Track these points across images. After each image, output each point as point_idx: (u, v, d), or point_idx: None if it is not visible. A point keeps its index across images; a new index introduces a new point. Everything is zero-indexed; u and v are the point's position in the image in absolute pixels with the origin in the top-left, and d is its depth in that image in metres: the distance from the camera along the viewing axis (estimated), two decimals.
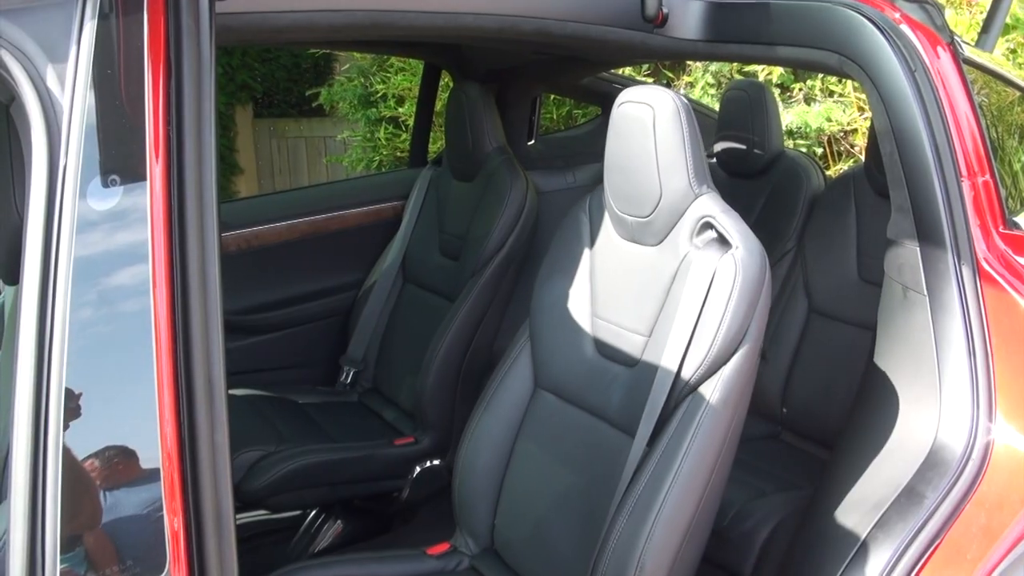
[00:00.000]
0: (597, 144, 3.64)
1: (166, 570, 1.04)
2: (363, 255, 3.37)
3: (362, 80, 5.80)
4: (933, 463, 1.75)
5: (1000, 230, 1.82)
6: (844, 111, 4.59)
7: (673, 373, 1.72)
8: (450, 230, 3.14)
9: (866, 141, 3.76)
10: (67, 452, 1.02)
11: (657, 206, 1.81)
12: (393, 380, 3.17)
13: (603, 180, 1.95)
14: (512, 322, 2.88)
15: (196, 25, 1.11)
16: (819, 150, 4.64)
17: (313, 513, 3.02)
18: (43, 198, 1.06)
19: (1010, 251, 1.82)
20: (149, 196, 1.06)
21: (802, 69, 4.46)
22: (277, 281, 3.30)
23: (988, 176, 1.83)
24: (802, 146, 4.50)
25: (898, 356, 1.90)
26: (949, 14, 4.40)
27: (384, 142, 5.73)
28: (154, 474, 1.04)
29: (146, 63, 1.09)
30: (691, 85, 4.95)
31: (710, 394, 1.68)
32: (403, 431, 2.95)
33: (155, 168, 1.07)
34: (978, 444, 1.73)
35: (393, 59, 5.50)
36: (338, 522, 2.98)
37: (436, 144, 4.28)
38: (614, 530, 1.71)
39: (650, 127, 1.77)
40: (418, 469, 2.84)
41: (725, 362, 1.68)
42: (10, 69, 1.07)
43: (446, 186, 3.25)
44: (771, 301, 1.74)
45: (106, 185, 1.07)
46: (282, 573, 2.01)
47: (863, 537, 1.76)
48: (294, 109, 8.41)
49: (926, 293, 1.81)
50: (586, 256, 2.03)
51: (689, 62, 5.01)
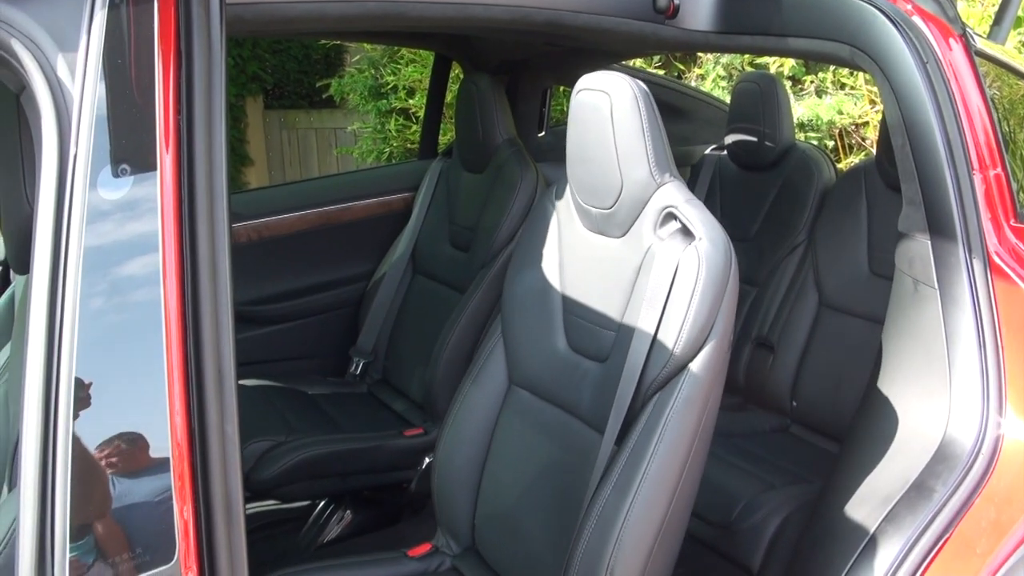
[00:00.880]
0: None
1: (176, 559, 1.05)
2: (373, 246, 3.37)
3: (372, 71, 5.81)
4: (943, 457, 1.75)
5: (1011, 224, 1.82)
6: (855, 104, 4.58)
7: (638, 370, 1.67)
8: (460, 221, 3.14)
9: (877, 134, 3.75)
10: (77, 441, 1.03)
11: (619, 197, 1.75)
12: (403, 371, 3.17)
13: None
14: None
15: (206, 15, 1.11)
16: (830, 143, 4.63)
17: (322, 504, 3.03)
18: (54, 187, 1.06)
19: (1021, 245, 1.81)
20: (159, 186, 1.07)
21: (814, 61, 4.45)
22: (287, 272, 3.30)
23: (999, 169, 1.82)
24: (813, 139, 4.49)
25: (908, 350, 1.89)
26: (961, 6, 4.38)
27: (394, 133, 5.74)
28: (164, 463, 1.05)
29: (156, 53, 1.09)
30: (702, 77, 4.94)
31: (677, 392, 1.62)
32: (413, 422, 2.95)
33: (165, 158, 1.07)
34: (988, 438, 1.73)
35: (404, 50, 5.50)
36: (347, 513, 2.99)
37: (446, 135, 4.28)
38: (583, 536, 1.67)
39: (607, 115, 1.71)
40: (427, 460, 2.84)
41: (692, 359, 1.62)
42: (21, 58, 1.07)
43: (456, 178, 3.25)
44: (738, 292, 1.66)
45: (116, 175, 1.08)
46: None
47: (872, 530, 1.76)
48: (304, 100, 8.41)
49: (937, 287, 1.81)
50: (555, 248, 1.97)
51: (700, 54, 5.00)
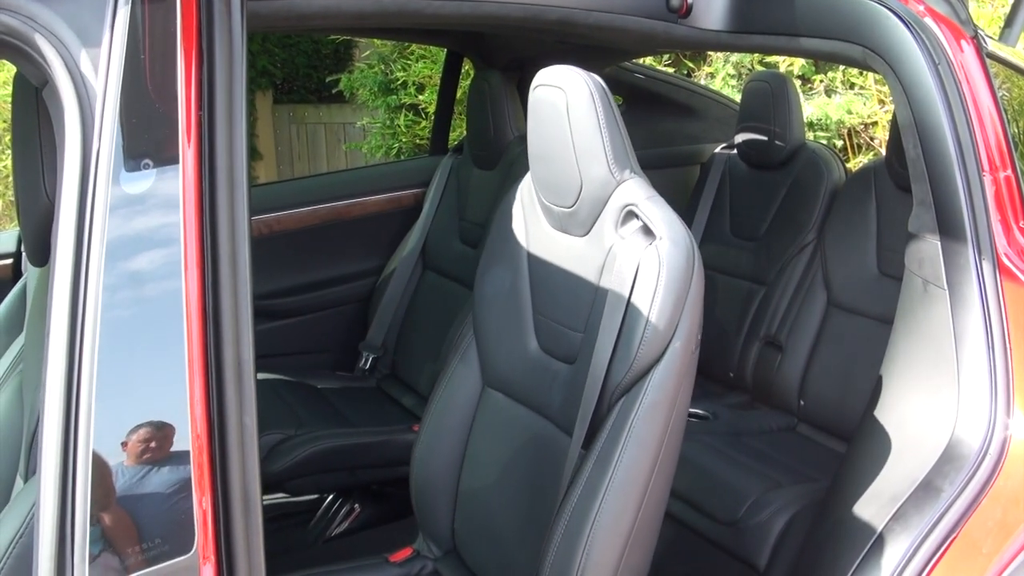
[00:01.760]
0: None
1: (194, 549, 1.06)
2: (383, 242, 3.38)
3: (382, 67, 5.81)
4: (950, 457, 1.76)
5: (1020, 225, 1.82)
6: (864, 104, 4.58)
7: (602, 374, 1.62)
8: (470, 217, 3.16)
9: (886, 134, 3.75)
10: (98, 431, 1.04)
11: (579, 196, 1.71)
12: (412, 366, 3.19)
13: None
14: None
15: (228, 11, 1.13)
16: (839, 142, 4.63)
17: (331, 497, 3.04)
18: (76, 181, 1.07)
19: None
20: (181, 180, 1.08)
21: (825, 61, 4.45)
22: (298, 266, 3.32)
23: (1009, 171, 1.83)
24: (822, 138, 4.49)
25: (917, 350, 1.90)
26: (972, 7, 4.38)
27: (403, 129, 5.75)
28: (184, 454, 1.06)
29: (179, 49, 1.10)
30: (712, 76, 4.94)
31: (641, 396, 1.57)
32: (421, 417, 2.96)
33: (187, 152, 1.08)
34: (995, 439, 1.73)
35: (414, 46, 5.51)
36: (355, 506, 3.00)
37: (456, 132, 4.29)
38: (552, 544, 1.63)
39: (564, 112, 1.67)
40: None
41: (656, 362, 1.57)
42: (44, 53, 1.08)
43: (467, 174, 3.26)
44: (703, 292, 1.62)
45: (139, 169, 1.09)
46: None
47: (879, 529, 1.77)
48: (314, 95, 8.41)
49: (946, 287, 1.81)
50: (522, 246, 1.93)
51: (710, 52, 5.00)
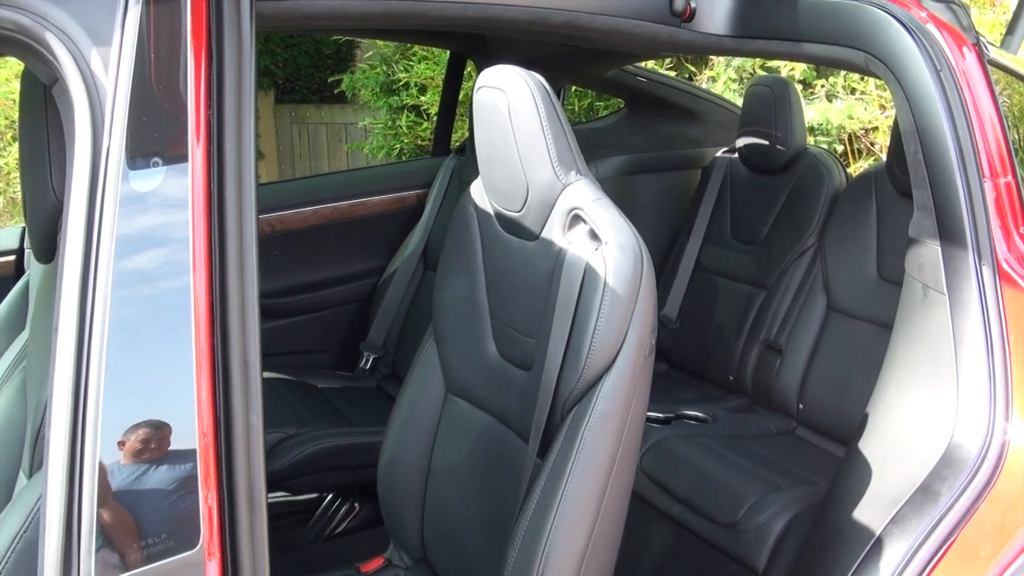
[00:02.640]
0: (620, 137, 3.67)
1: (199, 545, 1.07)
2: (385, 242, 3.39)
3: (384, 68, 5.82)
4: (949, 461, 1.76)
5: (1021, 231, 1.83)
6: (865, 109, 4.58)
7: (553, 383, 1.59)
8: None
9: (887, 139, 3.76)
10: (106, 426, 1.05)
11: (527, 200, 1.67)
12: None
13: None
14: None
15: (237, 12, 1.14)
16: (840, 147, 4.64)
17: (330, 496, 3.05)
18: (86, 179, 1.08)
19: None
20: (190, 178, 1.09)
21: (828, 66, 4.45)
22: (299, 266, 3.33)
23: (1010, 177, 1.84)
24: (823, 143, 4.50)
25: (916, 354, 1.90)
26: (974, 14, 4.39)
27: (405, 130, 5.75)
28: (190, 451, 1.07)
29: (188, 48, 1.11)
30: (713, 79, 4.95)
31: (592, 407, 1.53)
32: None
33: (196, 151, 1.09)
34: (994, 443, 1.74)
35: (416, 47, 5.51)
36: (355, 505, 3.01)
37: (458, 133, 4.30)
38: (509, 558, 1.60)
39: (506, 114, 1.64)
40: None
41: (606, 371, 1.53)
42: (55, 52, 1.09)
43: (469, 175, 3.27)
44: (654, 296, 1.57)
45: (148, 167, 1.10)
46: None
47: (878, 533, 1.77)
48: (315, 95, 8.43)
49: (946, 292, 1.82)
50: (478, 251, 1.89)
51: (712, 56, 5.00)
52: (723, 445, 2.75)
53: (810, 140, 4.39)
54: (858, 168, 4.54)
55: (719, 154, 3.55)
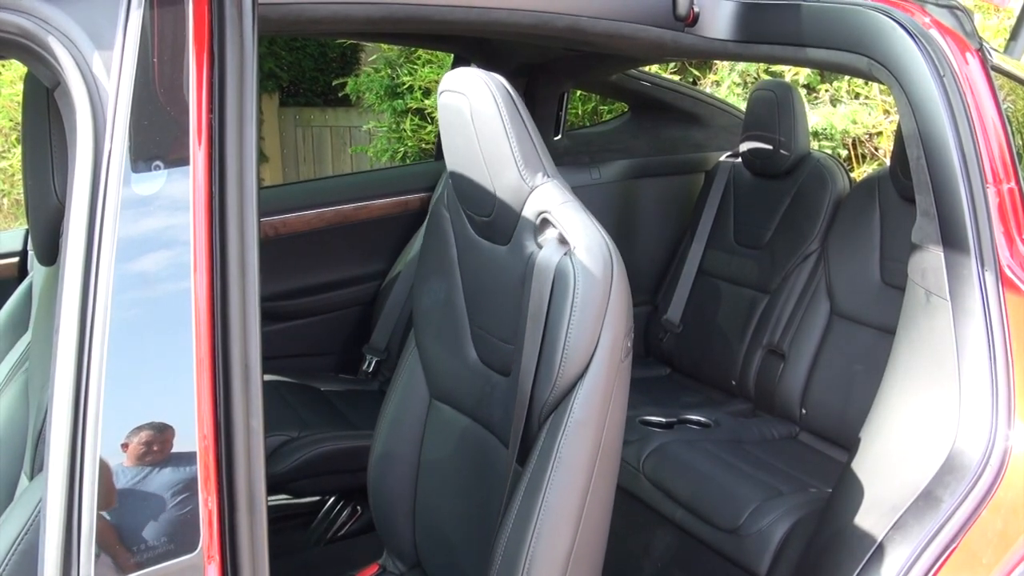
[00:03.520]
0: (623, 141, 3.68)
1: (199, 548, 1.06)
2: (389, 245, 3.39)
3: (389, 71, 5.83)
4: (951, 468, 1.76)
5: (1023, 237, 1.83)
6: (869, 113, 4.59)
7: (528, 390, 1.56)
8: None
9: (890, 144, 3.76)
10: (106, 429, 1.04)
11: (495, 205, 1.64)
12: None
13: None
14: None
15: (239, 15, 1.13)
16: (843, 152, 4.64)
17: (333, 499, 3.05)
18: (88, 182, 1.08)
19: None
20: (191, 182, 1.09)
21: (831, 71, 4.45)
22: (302, 269, 3.32)
23: (1013, 183, 1.83)
24: (827, 148, 4.50)
25: (919, 360, 1.90)
26: (977, 18, 4.39)
27: (409, 133, 5.76)
28: (191, 454, 1.07)
29: (190, 52, 1.11)
30: (717, 84, 4.95)
31: (568, 414, 1.50)
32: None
33: (198, 155, 1.09)
34: (996, 450, 1.74)
35: (420, 51, 5.52)
36: (358, 508, 3.01)
37: None
38: (493, 567, 1.58)
39: (468, 119, 1.60)
40: None
41: (580, 378, 1.50)
42: (57, 55, 1.09)
43: None
44: (628, 298, 1.53)
45: (149, 170, 1.10)
46: None
47: (880, 539, 1.77)
48: (320, 98, 8.44)
49: (949, 298, 1.81)
50: (453, 255, 1.86)
51: (716, 61, 5.01)
52: (725, 450, 2.75)
53: (814, 145, 4.40)
54: (862, 173, 4.54)
55: (723, 158, 3.55)
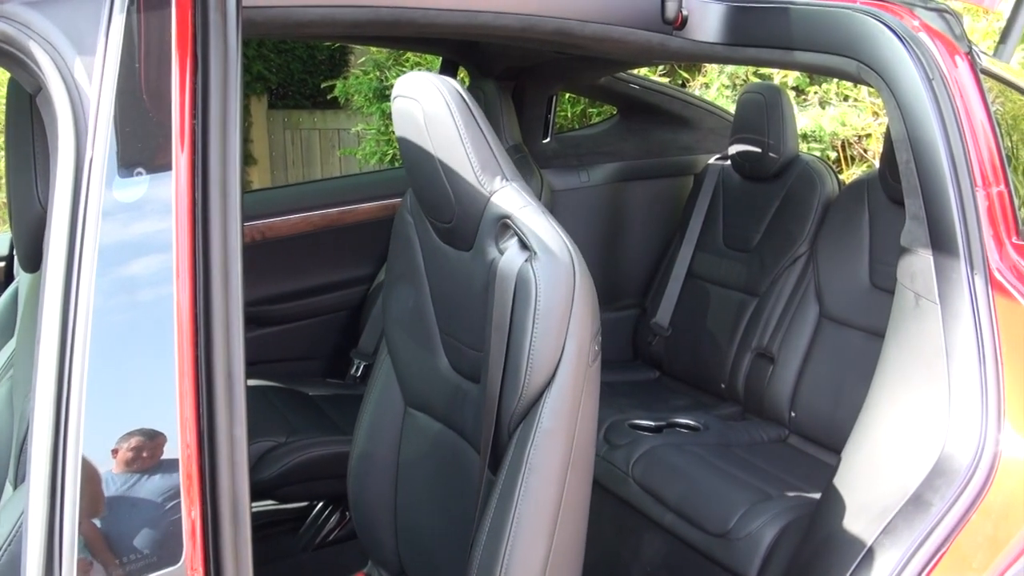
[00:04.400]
0: (612, 143, 3.67)
1: (182, 560, 1.05)
2: (376, 249, 3.37)
3: (377, 73, 5.82)
4: (941, 471, 1.76)
5: (1013, 241, 1.83)
6: (858, 116, 4.59)
7: (496, 400, 1.53)
8: None
9: (880, 146, 3.77)
10: (88, 439, 1.03)
11: (454, 211, 1.61)
12: None
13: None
14: None
15: (223, 20, 1.12)
16: (832, 154, 4.65)
17: (321, 504, 3.04)
18: (69, 188, 1.07)
19: (1022, 261, 1.82)
20: (174, 188, 1.08)
21: (820, 75, 4.46)
22: (289, 273, 3.31)
23: (1003, 186, 1.83)
24: (816, 150, 4.50)
25: (908, 363, 1.90)
26: (967, 21, 4.40)
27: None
28: (173, 464, 1.05)
29: (173, 57, 1.10)
30: (706, 86, 4.95)
31: (536, 424, 1.47)
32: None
33: (180, 160, 1.08)
34: (986, 454, 1.73)
35: (409, 53, 5.51)
36: (346, 514, 2.99)
37: None
38: None
39: (422, 125, 1.58)
40: None
41: (547, 386, 1.46)
42: (39, 61, 1.08)
43: None
44: (593, 302, 1.50)
45: (131, 176, 1.08)
46: None
47: (869, 543, 1.77)
48: (308, 101, 8.44)
49: (938, 301, 1.81)
50: (420, 262, 1.83)
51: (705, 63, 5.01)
52: (715, 454, 2.75)
53: (803, 147, 4.40)
54: (851, 175, 4.55)
55: (712, 161, 3.55)
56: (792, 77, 4.67)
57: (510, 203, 1.55)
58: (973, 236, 1.77)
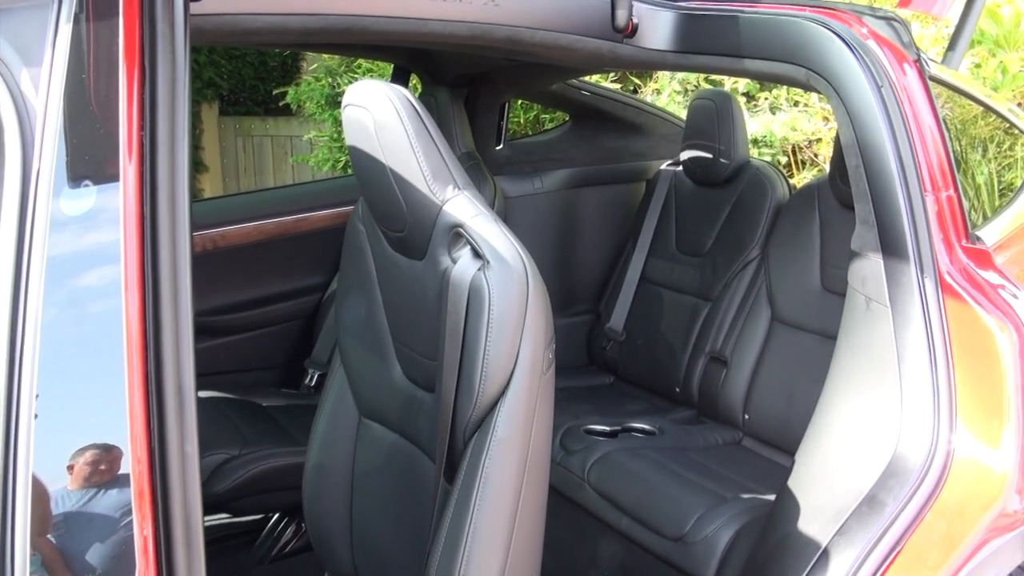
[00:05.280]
0: (564, 150, 3.68)
1: None
2: (330, 257, 3.35)
3: (329, 80, 5.78)
4: (894, 472, 1.77)
5: (963, 244, 1.85)
6: (809, 121, 4.63)
7: (450, 410, 1.53)
8: None
9: (830, 151, 3.80)
10: (37, 456, 1.01)
11: (406, 221, 1.61)
12: None
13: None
14: None
15: (171, 30, 1.11)
16: (783, 159, 4.69)
17: (276, 517, 3.01)
18: (16, 200, 1.05)
19: (972, 264, 1.84)
20: (122, 200, 1.06)
21: (770, 82, 4.50)
22: (242, 282, 3.28)
23: (951, 191, 1.85)
24: (767, 155, 4.54)
25: (860, 366, 1.91)
26: (916, 28, 4.46)
27: None
28: (124, 480, 1.04)
29: (120, 67, 1.08)
30: (658, 92, 4.97)
31: (491, 434, 1.46)
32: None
33: (128, 172, 1.06)
34: (939, 453, 1.75)
35: (361, 60, 5.49)
36: (302, 526, 2.97)
37: None
38: None
39: (373, 134, 1.57)
40: None
41: (502, 395, 1.47)
42: None
43: None
44: (546, 311, 1.50)
45: (79, 188, 1.07)
46: None
47: (825, 544, 1.78)
48: (260, 107, 8.38)
49: (889, 305, 1.83)
50: (372, 270, 1.82)
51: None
52: (670, 458, 2.75)
53: (754, 152, 4.43)
54: (802, 179, 4.58)
55: (663, 167, 3.56)
56: (743, 83, 4.71)
57: (462, 212, 1.54)
58: (923, 240, 1.78)
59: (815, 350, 2.74)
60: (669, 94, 4.88)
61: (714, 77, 4.69)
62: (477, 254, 1.50)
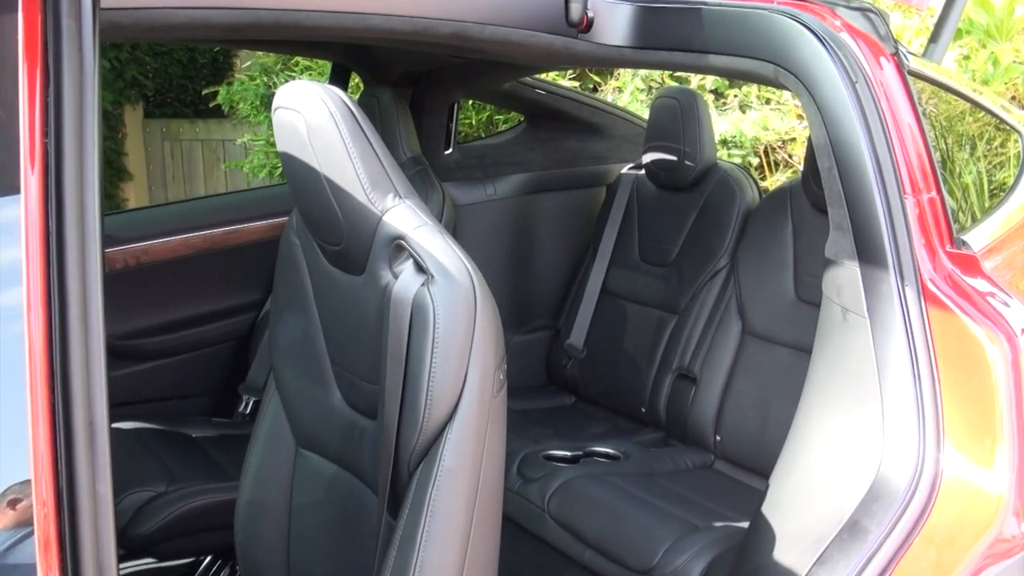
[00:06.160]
0: (519, 153, 3.67)
1: None
2: (265, 273, 3.31)
3: (265, 79, 5.75)
4: (877, 495, 1.77)
5: (947, 249, 1.85)
6: (782, 119, 4.66)
7: (393, 437, 1.50)
8: None
9: (805, 151, 3.83)
10: None
11: (343, 233, 1.59)
12: None
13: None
14: None
15: (77, 26, 1.08)
16: (755, 160, 4.71)
17: (208, 559, 2.96)
18: None
19: (958, 271, 1.84)
20: (24, 212, 1.03)
21: (735, 79, 4.52)
22: (168, 301, 3.24)
23: (934, 193, 1.86)
24: (737, 156, 4.56)
25: (838, 381, 1.91)
26: (898, 18, 4.49)
27: None
28: (27, 524, 1.00)
29: (20, 68, 1.06)
30: (619, 91, 4.99)
31: (438, 463, 1.44)
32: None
33: (31, 183, 1.03)
34: (925, 475, 1.75)
35: (298, 58, 5.46)
36: (236, 569, 2.92)
37: None
38: None
39: (306, 139, 1.55)
40: None
41: (449, 420, 1.44)
42: None
43: None
44: (496, 329, 1.48)
45: None
46: None
47: (803, 574, 1.77)
48: (189, 109, 8.33)
49: (867, 315, 1.83)
50: (308, 287, 1.80)
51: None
52: (636, 484, 2.75)
53: (724, 153, 4.46)
54: (776, 181, 4.61)
55: (625, 171, 3.57)
56: (710, 80, 4.73)
57: (404, 223, 1.53)
58: (903, 246, 1.78)
59: (790, 364, 2.75)
60: (632, 92, 4.90)
61: (680, 74, 4.71)
62: (420, 268, 1.48)
